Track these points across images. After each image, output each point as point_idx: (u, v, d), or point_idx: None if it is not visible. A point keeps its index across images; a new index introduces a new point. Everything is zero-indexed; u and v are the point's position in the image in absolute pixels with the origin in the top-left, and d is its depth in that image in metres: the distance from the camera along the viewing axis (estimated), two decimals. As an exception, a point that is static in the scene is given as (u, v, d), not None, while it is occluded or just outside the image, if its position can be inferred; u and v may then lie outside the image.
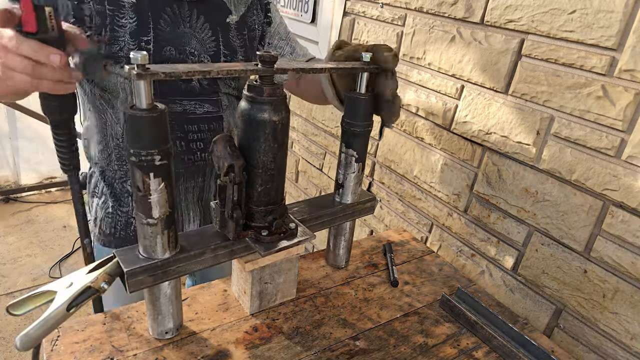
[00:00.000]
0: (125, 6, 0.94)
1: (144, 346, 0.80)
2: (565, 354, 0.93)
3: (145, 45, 0.96)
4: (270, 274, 0.90)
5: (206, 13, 1.03)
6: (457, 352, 0.89)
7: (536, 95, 1.08)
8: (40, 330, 0.65)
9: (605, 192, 0.98)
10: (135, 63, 0.60)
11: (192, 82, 1.04)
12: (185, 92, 1.03)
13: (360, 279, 1.07)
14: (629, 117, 0.92)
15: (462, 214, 1.33)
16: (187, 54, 1.01)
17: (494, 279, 1.26)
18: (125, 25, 0.94)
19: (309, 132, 2.01)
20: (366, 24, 1.57)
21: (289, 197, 2.27)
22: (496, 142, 1.19)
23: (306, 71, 0.79)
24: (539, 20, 1.05)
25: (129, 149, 0.65)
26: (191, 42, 1.01)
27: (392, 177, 1.58)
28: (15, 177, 3.29)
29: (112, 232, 1.11)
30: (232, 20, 1.07)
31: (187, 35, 1.00)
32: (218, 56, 1.04)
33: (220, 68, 0.69)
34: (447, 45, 1.28)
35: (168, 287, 0.78)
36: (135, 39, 0.95)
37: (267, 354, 0.83)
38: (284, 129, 0.76)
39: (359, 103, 0.90)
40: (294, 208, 0.94)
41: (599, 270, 1.01)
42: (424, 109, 1.39)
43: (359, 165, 0.96)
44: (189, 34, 1.01)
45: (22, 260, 2.64)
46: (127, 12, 0.94)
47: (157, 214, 0.70)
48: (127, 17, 0.94)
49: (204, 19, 1.02)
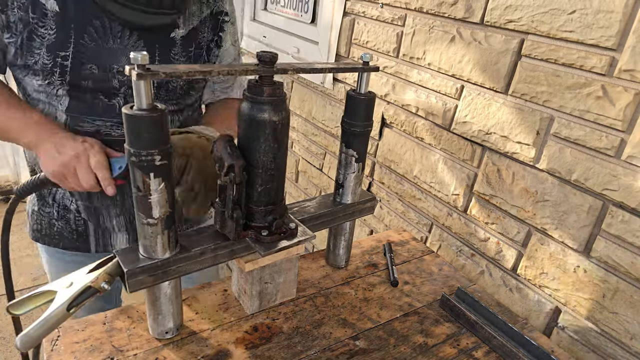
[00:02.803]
0: (48, 15, 0.88)
1: (144, 346, 0.80)
2: (565, 354, 0.93)
3: (62, 61, 0.90)
4: (270, 273, 0.90)
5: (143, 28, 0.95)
6: (457, 352, 0.89)
7: (536, 95, 1.08)
8: (41, 330, 0.65)
9: (605, 192, 0.98)
10: (136, 63, 0.60)
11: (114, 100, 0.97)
12: (104, 111, 0.97)
13: (360, 279, 1.07)
14: (628, 117, 0.92)
15: (462, 214, 1.33)
16: (115, 72, 0.94)
17: (493, 279, 1.26)
18: (44, 36, 0.88)
19: (309, 132, 2.01)
20: (366, 24, 1.57)
21: (289, 197, 2.27)
22: (496, 142, 1.19)
23: (306, 71, 0.79)
24: (538, 20, 1.05)
25: (129, 149, 0.65)
26: (121, 59, 0.94)
27: (392, 177, 1.58)
28: (15, 177, 3.29)
29: (38, 229, 1.14)
30: (178, 34, 1.00)
31: (115, 52, 0.93)
32: None
33: (221, 68, 0.69)
34: (447, 45, 1.28)
35: (168, 287, 0.78)
36: (51, 53, 0.89)
37: (267, 354, 0.83)
38: (284, 129, 0.76)
39: (359, 103, 0.90)
40: (294, 208, 0.94)
41: (599, 270, 1.01)
42: (423, 109, 1.39)
43: (359, 165, 0.96)
44: (119, 51, 0.93)
45: (22, 260, 2.64)
46: (48, 22, 0.88)
47: (157, 214, 0.70)
48: (47, 27, 0.88)
49: (138, 35, 0.95)
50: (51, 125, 0.93)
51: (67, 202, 1.08)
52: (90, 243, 1.13)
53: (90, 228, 1.11)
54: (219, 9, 1.08)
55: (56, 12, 0.88)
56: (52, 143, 0.87)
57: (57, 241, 1.14)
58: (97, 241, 1.13)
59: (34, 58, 0.89)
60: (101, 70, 0.94)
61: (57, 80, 0.92)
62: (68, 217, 1.10)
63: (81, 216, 1.10)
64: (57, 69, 0.91)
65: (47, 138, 0.89)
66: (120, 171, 0.88)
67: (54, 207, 1.10)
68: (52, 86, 0.93)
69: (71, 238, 1.12)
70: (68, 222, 1.11)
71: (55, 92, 0.94)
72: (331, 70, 0.84)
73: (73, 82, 0.93)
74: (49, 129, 0.91)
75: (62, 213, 1.10)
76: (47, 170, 0.87)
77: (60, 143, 0.87)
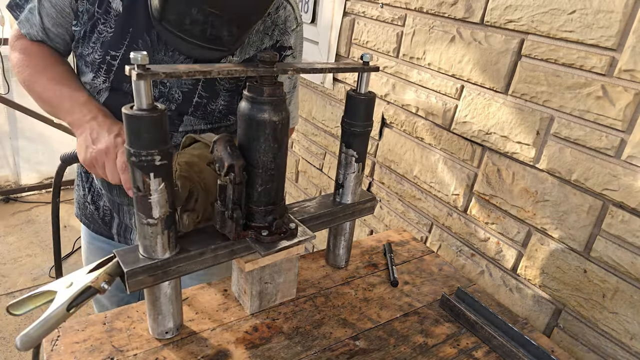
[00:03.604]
0: (111, 13, 0.90)
1: (144, 346, 0.80)
2: (565, 354, 0.93)
3: (111, 60, 0.92)
4: (270, 273, 0.90)
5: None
6: (457, 352, 0.89)
7: (536, 95, 1.08)
8: (41, 330, 0.65)
9: (605, 192, 0.98)
10: (136, 63, 0.60)
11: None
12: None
13: (360, 279, 1.07)
14: (628, 117, 0.92)
15: (462, 214, 1.33)
16: (157, 82, 0.95)
17: (493, 279, 1.26)
18: (102, 33, 0.91)
19: (309, 132, 2.01)
20: (366, 24, 1.57)
21: (289, 197, 2.27)
22: (496, 142, 1.19)
23: (306, 71, 0.79)
24: (538, 20, 1.05)
25: (129, 149, 0.65)
26: None
27: (392, 177, 1.58)
28: (15, 177, 3.29)
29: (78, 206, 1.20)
30: (231, 62, 0.99)
31: (163, 64, 0.94)
32: (192, 95, 0.97)
33: (221, 68, 0.69)
34: (447, 45, 1.28)
35: (168, 287, 0.78)
36: (104, 50, 0.92)
37: (267, 354, 0.83)
38: (284, 129, 0.76)
39: (359, 103, 0.90)
40: (294, 208, 0.94)
41: (599, 270, 1.01)
42: (423, 109, 1.39)
43: (359, 165, 0.96)
44: (166, 63, 0.94)
45: (22, 260, 2.64)
46: (109, 20, 0.90)
47: (157, 214, 0.70)
48: (107, 25, 0.91)
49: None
50: (96, 107, 0.92)
51: (100, 189, 1.12)
52: (113, 234, 1.16)
53: (114, 220, 1.14)
54: (282, 44, 1.05)
55: (119, 12, 0.90)
56: (90, 129, 0.87)
57: (89, 223, 1.19)
58: (119, 233, 1.16)
59: (88, 50, 0.92)
60: None
61: (102, 76, 0.94)
62: (98, 204, 1.14)
63: (108, 206, 1.13)
64: (105, 66, 0.93)
65: (88, 122, 0.88)
66: None
67: (90, 192, 1.15)
68: (97, 80, 0.95)
69: (99, 223, 1.16)
70: (98, 209, 1.15)
71: (98, 85, 0.96)
72: (331, 70, 0.84)
73: (116, 82, 0.95)
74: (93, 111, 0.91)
75: (94, 198, 1.14)
76: (80, 156, 0.87)
77: (97, 131, 0.86)
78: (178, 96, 0.98)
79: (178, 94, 0.97)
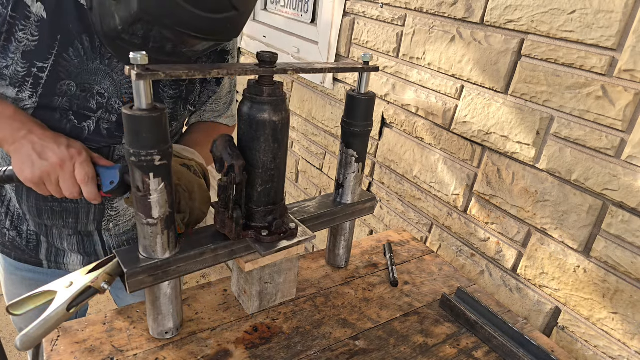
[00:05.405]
0: (31, 19, 0.79)
1: (144, 346, 0.80)
2: (565, 354, 0.93)
3: (38, 72, 0.82)
4: (270, 274, 0.90)
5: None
6: (457, 352, 0.89)
7: (536, 95, 1.08)
8: (41, 330, 0.65)
9: (605, 192, 0.98)
10: (135, 63, 0.60)
11: (85, 123, 0.89)
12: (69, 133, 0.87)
13: (360, 279, 1.07)
14: (628, 117, 0.92)
15: (462, 214, 1.33)
16: (94, 93, 0.87)
17: (493, 279, 1.26)
18: (21, 41, 0.80)
19: (309, 132, 2.01)
20: (366, 24, 1.57)
21: (289, 197, 2.27)
22: (496, 142, 1.19)
23: (306, 71, 0.79)
24: (538, 20, 1.05)
25: (129, 149, 0.65)
26: (104, 81, 0.87)
27: (392, 177, 1.58)
28: (15, 177, 3.28)
29: None
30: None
31: (99, 73, 0.86)
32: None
33: (221, 69, 0.69)
34: (447, 45, 1.28)
35: (168, 287, 0.78)
36: (27, 61, 0.81)
37: (267, 354, 0.83)
38: (284, 129, 0.76)
39: (358, 103, 0.90)
40: (294, 208, 0.94)
41: (599, 270, 1.01)
42: (423, 109, 1.39)
43: (359, 165, 0.96)
44: (103, 72, 0.87)
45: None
46: (29, 27, 0.79)
47: (157, 214, 0.70)
48: (28, 32, 0.80)
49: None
50: (29, 120, 0.83)
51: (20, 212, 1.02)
52: (42, 260, 1.07)
53: (42, 245, 1.05)
54: (225, 48, 1.04)
55: (41, 18, 0.80)
56: (31, 143, 0.78)
57: (9, 251, 1.07)
58: (48, 259, 1.07)
59: (6, 62, 0.81)
60: (79, 90, 0.86)
61: (27, 91, 0.84)
62: (21, 229, 1.04)
63: (33, 230, 1.03)
64: (31, 79, 0.84)
65: (24, 137, 0.79)
66: (112, 187, 0.79)
67: (8, 216, 1.03)
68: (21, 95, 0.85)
69: (23, 249, 1.06)
70: (20, 234, 1.04)
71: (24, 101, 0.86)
72: (331, 70, 0.84)
73: (45, 97, 0.86)
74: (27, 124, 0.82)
75: (15, 223, 1.04)
76: (22, 175, 0.78)
77: (41, 145, 0.78)
78: (118, 106, 0.91)
79: (118, 104, 0.91)
